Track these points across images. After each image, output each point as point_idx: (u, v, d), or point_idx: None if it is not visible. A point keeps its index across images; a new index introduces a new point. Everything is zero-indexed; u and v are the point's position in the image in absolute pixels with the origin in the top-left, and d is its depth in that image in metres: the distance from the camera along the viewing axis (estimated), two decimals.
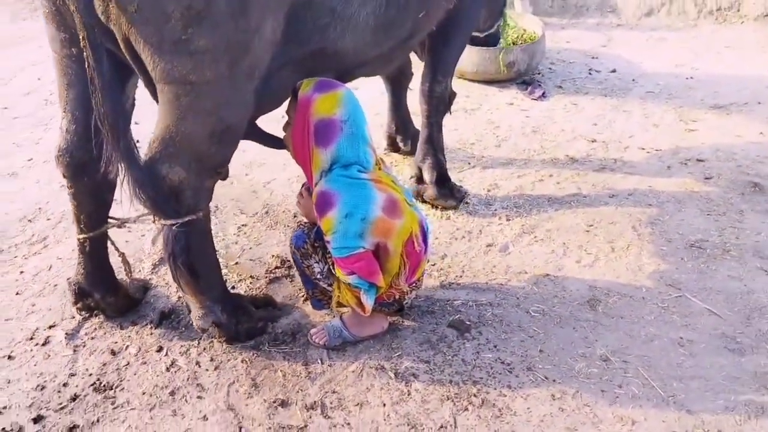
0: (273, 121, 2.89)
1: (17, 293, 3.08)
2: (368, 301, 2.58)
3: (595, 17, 6.35)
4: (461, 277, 3.15)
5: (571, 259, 3.26)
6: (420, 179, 3.67)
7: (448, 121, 4.45)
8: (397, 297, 2.71)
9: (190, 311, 2.72)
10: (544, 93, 4.91)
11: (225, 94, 2.33)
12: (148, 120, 2.75)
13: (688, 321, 2.88)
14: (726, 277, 3.12)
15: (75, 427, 2.44)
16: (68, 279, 2.88)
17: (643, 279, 3.12)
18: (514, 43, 5.18)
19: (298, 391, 2.57)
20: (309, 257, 2.65)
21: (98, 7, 2.12)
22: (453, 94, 3.69)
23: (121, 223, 2.66)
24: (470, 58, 4.89)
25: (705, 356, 2.70)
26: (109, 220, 2.72)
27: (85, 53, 2.15)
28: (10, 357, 2.74)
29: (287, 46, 2.51)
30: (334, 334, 2.76)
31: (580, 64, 5.42)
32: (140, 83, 2.50)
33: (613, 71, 5.31)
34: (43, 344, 2.80)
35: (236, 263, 3.25)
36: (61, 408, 2.52)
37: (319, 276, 2.66)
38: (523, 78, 5.10)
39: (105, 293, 2.82)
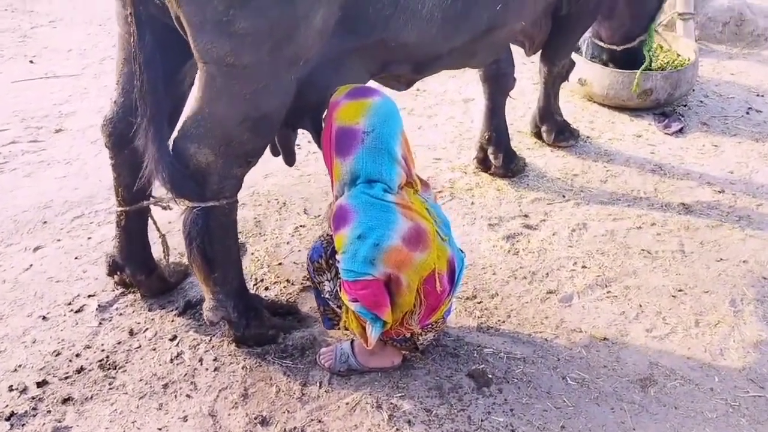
0: None
1: (76, 257, 3.22)
2: (372, 334, 2.36)
3: None
4: (504, 322, 2.82)
5: (642, 325, 2.80)
6: (539, 136, 4.18)
7: (555, 150, 4.08)
8: (407, 336, 2.47)
9: None
10: (682, 129, 4.32)
11: (263, 80, 2.26)
12: None
13: (760, 429, 2.35)
14: None
15: (69, 399, 2.49)
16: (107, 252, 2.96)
17: (721, 366, 2.60)
18: (662, 68, 4.61)
19: (284, 412, 2.43)
20: (322, 273, 2.48)
21: None
22: (571, 65, 4.02)
23: (157, 203, 2.65)
24: (601, 80, 4.43)
25: None
26: (150, 198, 2.73)
27: (130, 29, 2.23)
28: (44, 318, 2.86)
29: (345, 37, 2.41)
30: (341, 359, 2.58)
31: (739, 101, 4.71)
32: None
33: None
34: (77, 311, 2.89)
35: (279, 264, 3.17)
36: (66, 377, 2.58)
37: (328, 295, 2.49)
38: (663, 109, 4.52)
39: (136, 270, 2.85)
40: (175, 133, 2.41)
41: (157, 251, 2.94)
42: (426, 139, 4.25)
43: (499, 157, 3.73)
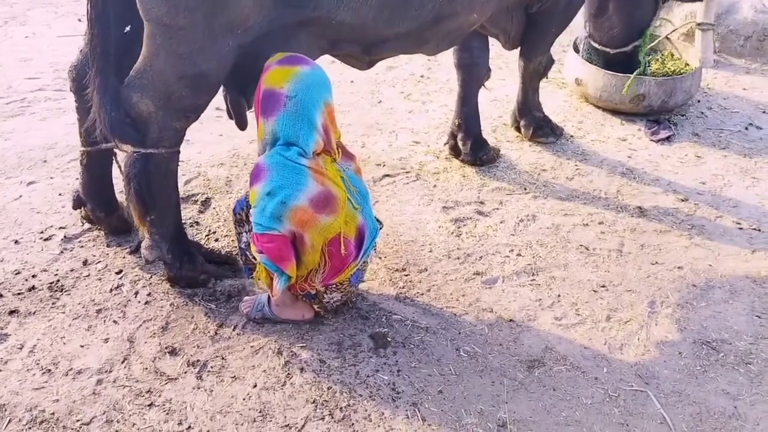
0: None
1: (60, 194, 3.57)
2: (278, 286, 2.56)
3: None
4: (422, 295, 2.97)
5: (553, 313, 2.90)
6: (519, 130, 4.26)
7: (534, 145, 4.16)
8: (313, 293, 2.66)
9: None
10: (669, 137, 4.31)
11: (198, 41, 2.48)
12: None
13: (630, 421, 2.44)
14: (718, 391, 2.56)
15: (15, 311, 2.81)
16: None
17: (614, 359, 2.68)
18: (666, 75, 4.59)
19: (194, 347, 2.68)
20: (242, 225, 2.70)
21: None
22: (550, 62, 4.04)
23: (112, 147, 2.89)
24: (595, 81, 4.45)
25: None
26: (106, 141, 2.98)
27: None
28: (16, 242, 3.21)
29: (284, 10, 2.60)
30: (258, 307, 2.80)
31: (741, 116, 4.63)
32: None
33: None
34: (45, 239, 3.23)
35: None
36: (18, 293, 2.91)
37: (243, 246, 2.71)
38: (657, 116, 4.51)
39: (96, 207, 3.14)
40: None
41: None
42: (412, 123, 4.40)
43: (467, 145, 3.85)
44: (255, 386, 2.52)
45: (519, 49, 3.88)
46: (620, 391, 2.55)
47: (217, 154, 3.98)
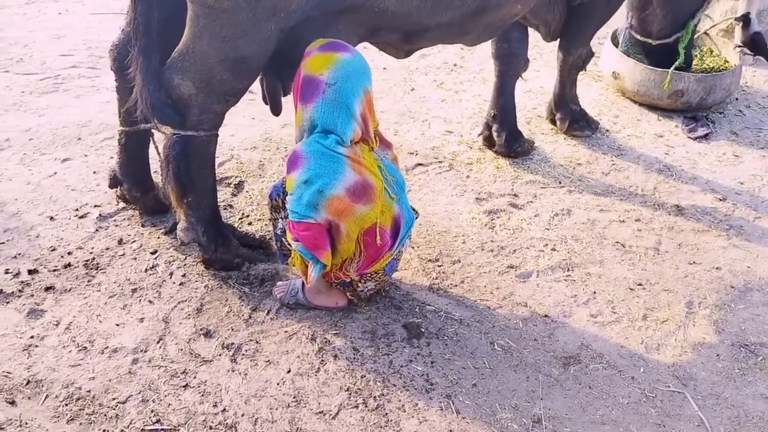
0: None
1: (95, 172, 3.57)
2: (312, 273, 2.55)
3: None
4: (456, 286, 2.95)
5: (589, 310, 2.87)
6: (555, 123, 4.21)
7: (569, 138, 4.11)
8: (347, 281, 2.65)
9: None
10: (707, 135, 4.24)
11: (241, 25, 2.46)
12: None
13: (667, 422, 2.40)
14: (756, 395, 2.52)
15: (51, 287, 2.82)
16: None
17: (651, 359, 2.65)
18: (704, 71, 4.51)
19: (229, 329, 2.68)
20: (278, 211, 2.69)
21: None
22: (590, 55, 4.02)
23: (150, 127, 2.88)
24: (633, 75, 4.38)
25: None
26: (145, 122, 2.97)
27: None
28: (52, 218, 3.22)
29: None
30: (291, 293, 2.79)
31: None
32: None
33: None
34: (81, 217, 3.24)
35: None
36: (54, 270, 2.92)
37: (279, 232, 2.70)
38: (695, 113, 4.43)
39: (132, 187, 3.14)
40: None
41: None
42: (445, 113, 4.36)
43: (502, 136, 3.81)
44: (289, 371, 2.51)
45: (558, 41, 3.83)
46: (657, 391, 2.52)
47: (249, 138, 3.96)
